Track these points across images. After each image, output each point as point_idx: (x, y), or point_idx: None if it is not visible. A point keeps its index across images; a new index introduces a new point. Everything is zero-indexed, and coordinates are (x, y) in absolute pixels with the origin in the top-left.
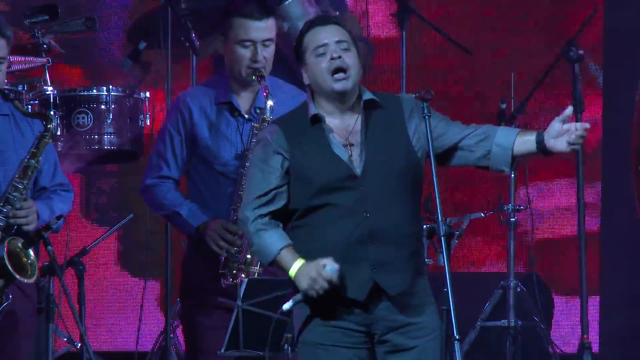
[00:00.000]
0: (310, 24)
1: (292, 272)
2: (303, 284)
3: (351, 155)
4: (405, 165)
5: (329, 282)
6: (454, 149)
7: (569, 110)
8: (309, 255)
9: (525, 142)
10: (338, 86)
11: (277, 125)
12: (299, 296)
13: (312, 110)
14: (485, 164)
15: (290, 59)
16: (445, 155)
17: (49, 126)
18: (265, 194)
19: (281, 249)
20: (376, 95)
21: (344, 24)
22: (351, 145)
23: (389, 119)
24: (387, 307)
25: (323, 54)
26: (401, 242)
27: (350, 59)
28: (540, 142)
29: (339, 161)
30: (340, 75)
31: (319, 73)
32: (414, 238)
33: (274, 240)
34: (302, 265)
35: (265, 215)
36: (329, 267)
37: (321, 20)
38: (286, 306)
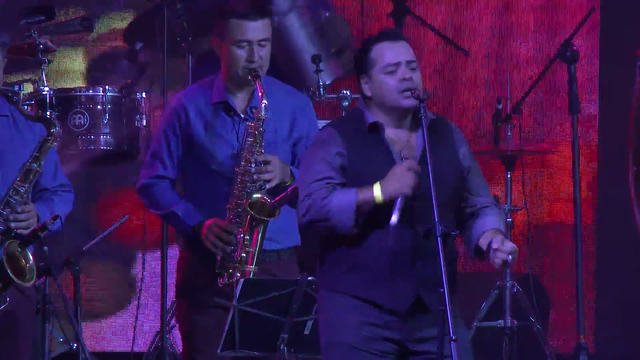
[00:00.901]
0: (380, 37)
1: (377, 192)
2: (395, 188)
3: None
4: (455, 185)
5: (412, 169)
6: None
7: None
8: (356, 261)
9: (481, 241)
10: (407, 102)
11: (333, 128)
12: (398, 203)
13: (370, 118)
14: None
15: (279, 55)
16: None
17: (52, 130)
18: (324, 179)
19: (357, 192)
20: (432, 113)
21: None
22: (405, 158)
23: (443, 140)
24: (426, 320)
25: (393, 72)
26: (446, 258)
27: (418, 79)
28: (479, 253)
29: None
30: (409, 93)
31: (387, 90)
32: (454, 256)
33: (344, 192)
34: (381, 181)
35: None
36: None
37: (392, 35)
38: (394, 219)
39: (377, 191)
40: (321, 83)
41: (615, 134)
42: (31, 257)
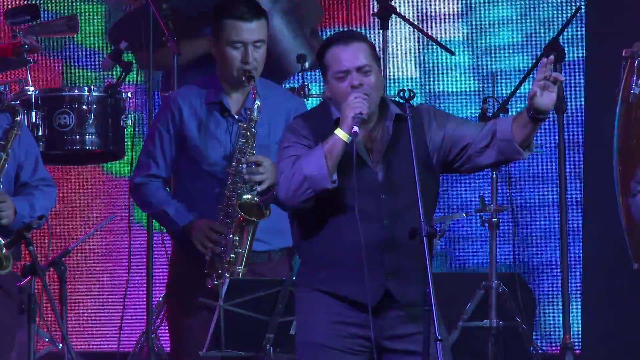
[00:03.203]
0: (333, 40)
1: (338, 130)
2: (350, 115)
3: (373, 161)
4: (425, 177)
5: (357, 96)
6: (464, 155)
7: (545, 60)
8: (325, 256)
9: (519, 122)
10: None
11: (302, 119)
12: (357, 120)
13: (336, 113)
14: (499, 160)
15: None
16: (457, 160)
17: (16, 118)
18: (292, 156)
19: (321, 143)
20: (399, 106)
21: (367, 39)
22: (371, 152)
23: (413, 131)
24: (398, 316)
25: (343, 78)
26: (415, 253)
27: (371, 81)
28: (528, 110)
29: (363, 165)
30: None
31: (339, 96)
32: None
33: (311, 150)
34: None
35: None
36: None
37: (344, 38)
38: (355, 128)
39: (337, 130)
40: (306, 83)
41: (601, 133)
42: (3, 247)
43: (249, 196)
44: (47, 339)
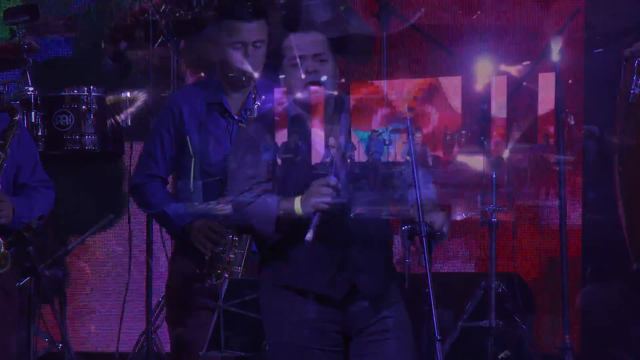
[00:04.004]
0: (290, 31)
1: (297, 207)
2: (313, 203)
3: (333, 157)
4: (386, 170)
5: (330, 186)
6: None
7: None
8: (291, 252)
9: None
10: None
11: (259, 122)
12: (315, 219)
13: (293, 110)
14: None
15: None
16: None
17: (14, 118)
18: (250, 189)
19: (278, 203)
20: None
21: (323, 30)
22: (332, 147)
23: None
24: (364, 308)
25: (299, 65)
26: (380, 246)
27: (327, 71)
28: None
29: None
30: (314, 88)
31: (294, 83)
32: (389, 243)
33: (266, 202)
34: (301, 196)
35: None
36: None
37: (303, 27)
38: (309, 236)
39: (297, 204)
40: None
41: (601, 134)
42: (2, 246)
43: None
44: (46, 339)
